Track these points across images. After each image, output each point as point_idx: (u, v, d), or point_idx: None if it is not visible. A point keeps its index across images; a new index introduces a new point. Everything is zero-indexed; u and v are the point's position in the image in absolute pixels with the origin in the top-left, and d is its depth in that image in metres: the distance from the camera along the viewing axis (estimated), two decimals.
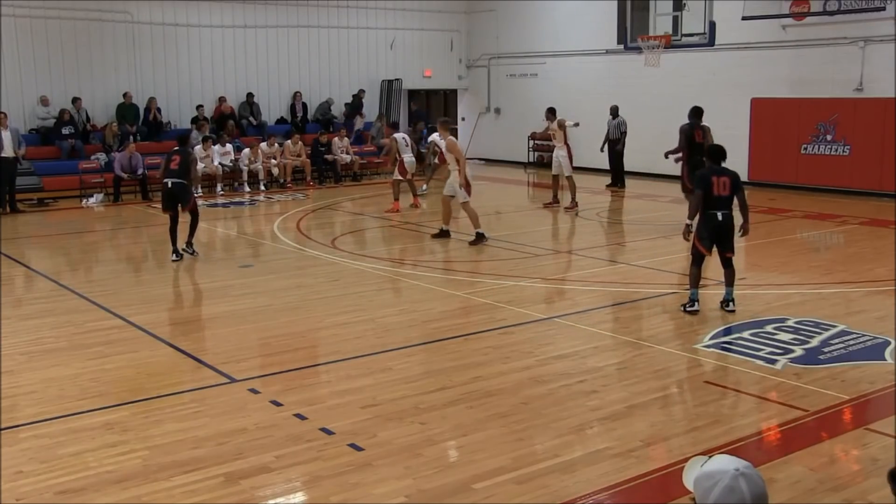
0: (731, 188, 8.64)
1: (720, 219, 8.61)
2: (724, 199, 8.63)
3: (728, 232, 8.74)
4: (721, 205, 8.63)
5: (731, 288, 8.88)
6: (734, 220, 8.80)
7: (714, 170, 8.76)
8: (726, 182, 8.63)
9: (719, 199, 8.61)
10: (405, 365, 7.40)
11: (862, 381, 6.88)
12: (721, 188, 8.60)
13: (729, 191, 8.63)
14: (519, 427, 5.95)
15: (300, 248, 12.99)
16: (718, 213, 8.61)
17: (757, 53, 18.98)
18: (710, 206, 8.62)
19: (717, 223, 8.62)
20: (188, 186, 12.46)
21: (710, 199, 8.61)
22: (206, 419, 6.13)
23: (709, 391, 6.71)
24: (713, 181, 8.60)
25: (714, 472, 2.38)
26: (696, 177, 8.91)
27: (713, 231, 8.67)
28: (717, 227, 8.65)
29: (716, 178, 8.62)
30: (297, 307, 9.45)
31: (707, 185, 8.61)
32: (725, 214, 8.64)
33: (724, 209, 8.64)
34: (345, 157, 21.44)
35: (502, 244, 12.82)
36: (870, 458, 5.48)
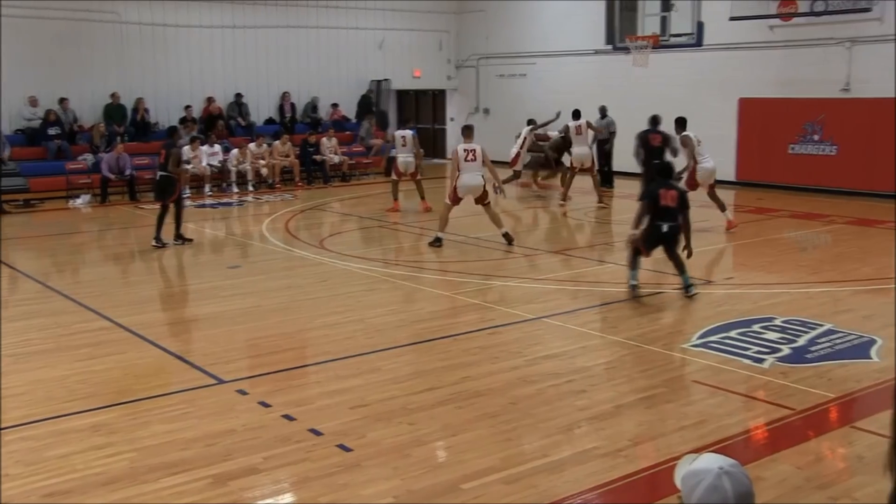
0: (678, 201, 9.06)
1: (664, 230, 9.06)
2: (671, 210, 9.04)
3: (672, 242, 9.20)
4: (667, 217, 9.06)
5: (684, 274, 9.21)
6: (679, 230, 9.23)
7: (662, 184, 9.23)
8: (674, 195, 9.07)
9: (666, 211, 9.02)
10: (394, 365, 7.40)
11: (848, 379, 6.92)
12: (669, 200, 9.02)
13: (676, 203, 9.04)
14: (507, 427, 5.96)
15: (289, 248, 12.97)
16: (664, 225, 9.06)
17: (744, 54, 19.04)
18: (656, 218, 9.08)
19: (661, 234, 9.08)
20: (173, 179, 12.91)
21: (657, 210, 9.05)
22: (195, 420, 6.12)
23: (696, 390, 6.74)
24: (661, 194, 9.06)
25: (699, 471, 2.40)
26: (646, 190, 9.36)
27: (657, 240, 9.15)
28: (661, 237, 9.13)
29: (664, 191, 9.08)
30: (285, 308, 9.43)
31: (654, 198, 9.06)
32: (671, 226, 9.08)
33: (670, 221, 9.07)
34: (333, 157, 21.42)
35: (490, 244, 12.83)
36: (856, 456, 5.51)
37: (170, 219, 13.14)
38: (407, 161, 16.39)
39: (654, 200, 9.07)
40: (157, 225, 13.02)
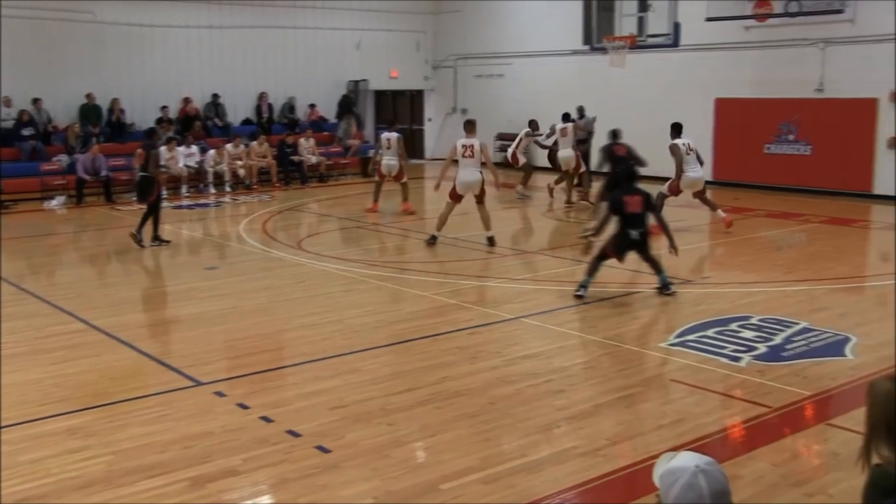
0: (642, 206, 9.09)
1: (634, 237, 9.08)
2: (638, 216, 9.06)
3: (643, 247, 9.24)
4: (635, 223, 9.07)
5: (661, 274, 9.27)
6: (647, 234, 9.26)
7: (626, 190, 9.25)
8: (639, 201, 9.10)
9: (633, 217, 9.05)
10: (373, 366, 7.39)
11: (824, 377, 6.98)
12: (634, 206, 9.05)
13: (641, 208, 9.07)
14: (486, 427, 5.96)
15: (266, 249, 12.92)
16: (633, 232, 9.08)
17: (720, 54, 19.17)
18: (625, 225, 9.10)
19: (630, 241, 9.11)
20: (151, 179, 12.93)
21: (624, 217, 9.09)
22: (172, 423, 6.08)
23: (674, 389, 6.77)
24: (625, 201, 9.08)
25: (675, 469, 2.41)
26: (610, 199, 9.42)
27: (626, 246, 9.18)
28: (631, 244, 9.15)
29: (628, 198, 9.10)
30: (263, 309, 9.39)
31: (619, 205, 9.09)
32: (641, 233, 9.09)
33: (639, 227, 9.08)
34: (311, 158, 21.35)
35: (469, 244, 12.84)
36: (831, 453, 5.56)
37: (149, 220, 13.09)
38: (390, 164, 16.19)
39: (620, 208, 9.10)
40: (140, 224, 13.06)
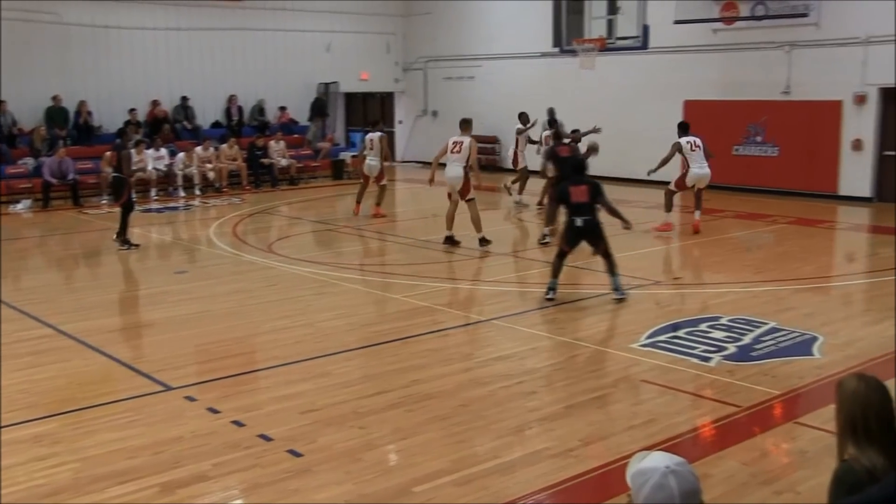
0: (589, 195, 9.19)
1: (579, 224, 9.19)
2: (583, 205, 9.18)
3: (591, 235, 9.30)
4: (580, 212, 9.19)
5: (615, 277, 9.30)
6: (597, 225, 9.30)
7: (573, 180, 9.42)
8: (584, 190, 9.22)
9: (578, 206, 9.18)
10: (344, 369, 7.37)
11: (792, 376, 7.05)
12: (579, 195, 9.17)
13: (587, 198, 9.18)
14: (458, 429, 5.96)
15: (237, 253, 12.84)
16: (578, 220, 9.20)
17: (689, 56, 19.32)
18: (571, 213, 9.25)
19: (576, 228, 9.23)
20: (122, 180, 12.89)
21: (570, 206, 9.22)
22: (142, 428, 6.02)
23: (645, 390, 6.81)
24: (571, 190, 9.23)
25: (646, 470, 2.43)
26: (558, 189, 9.57)
27: (574, 235, 9.30)
28: (577, 232, 9.26)
29: (573, 188, 9.24)
30: (233, 313, 9.34)
31: (566, 195, 9.24)
32: (586, 220, 9.20)
33: (584, 216, 9.19)
34: (281, 160, 21.26)
35: (440, 247, 12.83)
36: (799, 451, 5.63)
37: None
38: (371, 164, 16.03)
39: (566, 197, 9.24)
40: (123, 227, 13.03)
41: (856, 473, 2.84)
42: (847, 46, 16.94)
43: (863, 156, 17.18)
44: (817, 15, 17.18)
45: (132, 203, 13.34)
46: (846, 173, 17.44)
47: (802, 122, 17.74)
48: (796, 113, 17.83)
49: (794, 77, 17.85)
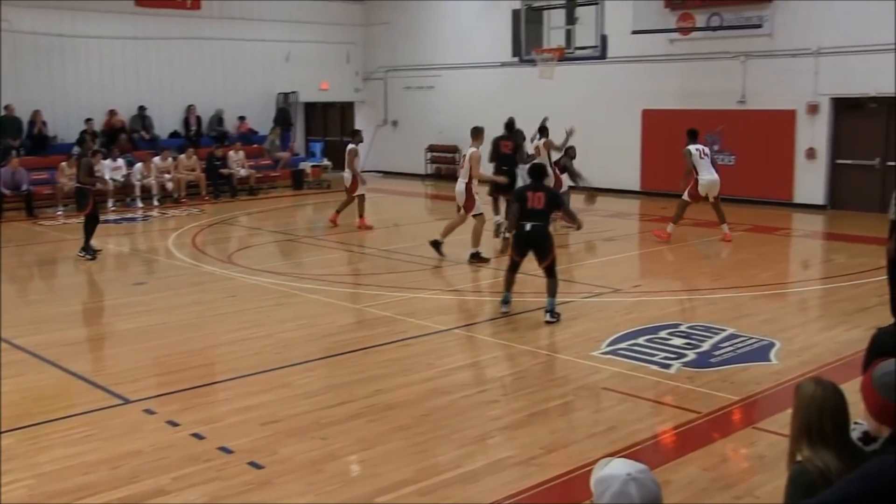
0: (545, 203, 9.14)
1: (528, 229, 9.11)
2: (537, 212, 9.12)
3: (538, 243, 9.18)
4: (532, 217, 9.12)
5: (552, 298, 9.11)
6: (546, 235, 9.16)
7: (531, 186, 9.37)
8: (541, 197, 9.16)
9: (532, 212, 9.12)
10: (305, 380, 7.32)
11: (750, 382, 7.14)
12: (535, 202, 9.12)
13: (543, 205, 9.12)
14: (421, 439, 5.95)
15: (196, 263, 12.71)
16: (527, 224, 9.11)
17: (647, 66, 19.54)
18: (523, 218, 9.16)
19: (524, 233, 9.13)
20: (83, 190, 12.88)
21: (524, 212, 9.14)
22: (99, 443, 5.92)
23: (606, 397, 6.85)
24: (528, 196, 9.18)
25: (607, 477, 2.44)
26: (515, 192, 9.47)
27: (522, 240, 9.20)
28: (525, 237, 9.16)
29: (531, 194, 9.19)
30: (193, 324, 9.24)
31: (523, 199, 9.19)
32: (534, 226, 9.11)
33: (535, 221, 9.11)
34: (240, 170, 21.10)
35: (401, 256, 12.83)
36: (757, 456, 5.70)
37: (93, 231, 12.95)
38: (343, 176, 15.94)
39: (523, 202, 9.20)
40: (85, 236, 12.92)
41: (809, 474, 2.90)
42: (799, 57, 17.26)
43: (816, 164, 17.48)
44: (770, 26, 17.50)
45: (97, 214, 13.22)
46: (801, 181, 17.73)
47: (758, 130, 18.01)
48: (752, 122, 18.10)
49: (750, 87, 18.13)
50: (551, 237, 9.28)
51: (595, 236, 14.25)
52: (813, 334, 8.61)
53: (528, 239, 9.16)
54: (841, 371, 6.96)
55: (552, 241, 9.25)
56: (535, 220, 9.10)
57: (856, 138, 17.14)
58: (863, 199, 16.74)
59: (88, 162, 13.18)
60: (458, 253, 12.67)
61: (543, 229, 9.17)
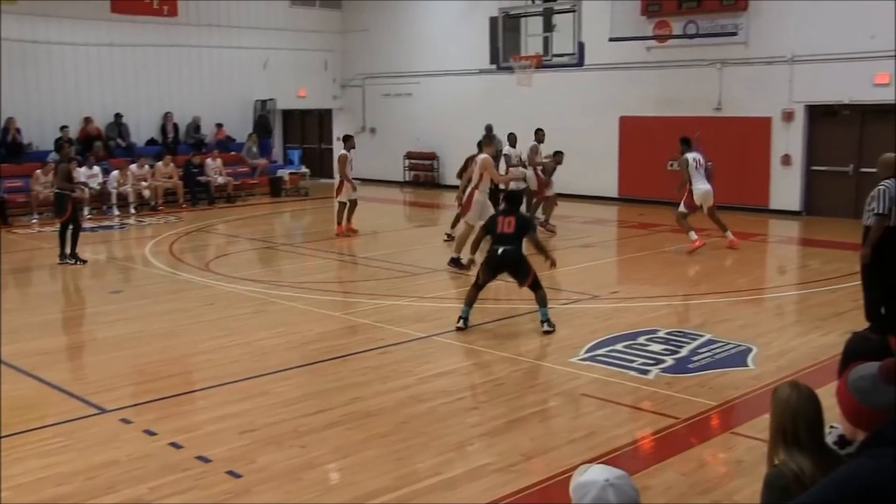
0: (515, 227, 9.09)
1: (499, 253, 9.03)
2: (507, 236, 9.06)
3: (511, 265, 9.11)
4: (502, 241, 9.06)
5: (545, 308, 9.07)
6: (519, 258, 9.07)
7: (504, 211, 9.39)
8: (511, 221, 9.12)
9: (502, 236, 9.08)
10: (283, 388, 7.28)
11: (728, 387, 7.18)
12: (505, 226, 9.08)
13: (513, 229, 9.07)
14: (400, 447, 5.94)
15: (173, 272, 12.63)
16: (499, 248, 9.05)
17: (624, 73, 19.65)
18: (494, 242, 9.14)
19: (496, 257, 9.05)
20: (62, 196, 12.90)
21: (494, 236, 9.13)
22: (74, 453, 5.86)
23: (585, 403, 6.86)
24: (498, 220, 9.17)
25: (585, 483, 2.45)
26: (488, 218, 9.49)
27: (494, 264, 9.10)
28: (497, 261, 9.07)
29: (502, 218, 9.17)
30: (170, 332, 9.18)
31: (493, 224, 9.20)
32: (506, 250, 9.03)
33: (505, 245, 9.04)
34: (218, 178, 21.01)
35: (380, 264, 12.81)
36: (735, 461, 5.73)
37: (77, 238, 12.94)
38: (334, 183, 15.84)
39: (493, 227, 9.19)
40: (72, 246, 12.92)
41: (785, 478, 2.92)
42: (774, 65, 17.43)
43: (791, 171, 17.65)
44: (746, 34, 17.67)
45: (77, 220, 13.21)
46: (776, 188, 17.89)
47: (734, 137, 18.15)
48: (728, 129, 18.23)
49: (726, 94, 18.28)
50: (525, 258, 9.18)
51: (573, 243, 14.29)
52: (789, 339, 8.68)
53: (500, 263, 9.09)
54: (817, 375, 7.01)
55: (527, 262, 9.15)
56: (506, 244, 9.02)
57: (830, 145, 17.33)
58: (837, 206, 16.91)
59: (66, 168, 13.12)
60: (437, 261, 12.67)
61: (516, 252, 9.07)
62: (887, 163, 8.35)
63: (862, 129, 16.85)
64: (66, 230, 12.86)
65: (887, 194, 8.11)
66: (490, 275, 9.16)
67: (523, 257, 9.17)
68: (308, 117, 27.11)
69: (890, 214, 8.14)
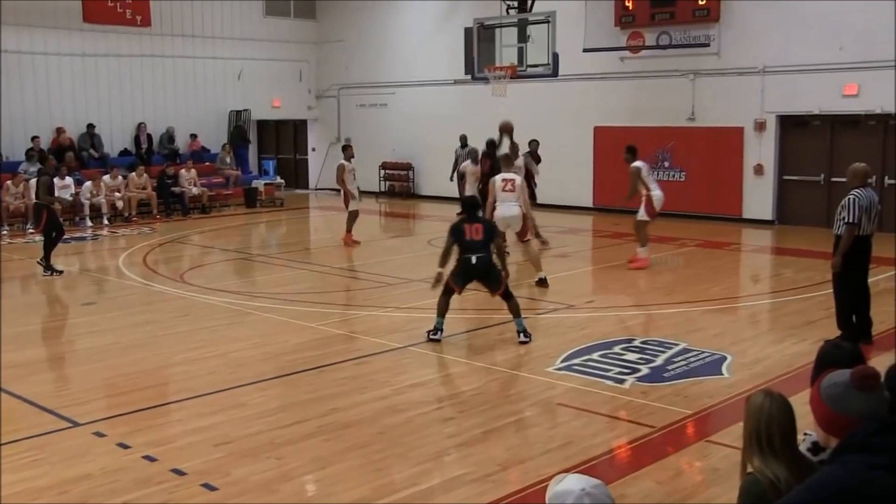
0: (483, 234, 9.03)
1: (473, 262, 8.93)
2: (477, 243, 8.98)
3: (485, 273, 9.03)
4: (474, 249, 8.95)
5: (520, 318, 9.04)
6: (492, 265, 9.05)
7: (468, 218, 9.18)
8: (479, 228, 9.04)
9: (472, 244, 8.97)
10: (259, 399, 7.25)
11: (703, 395, 7.22)
12: (473, 233, 8.99)
13: (482, 235, 9.01)
14: (377, 457, 5.92)
15: (147, 283, 12.54)
16: (472, 257, 8.93)
17: (598, 84, 19.78)
18: (464, 251, 8.99)
19: (470, 266, 8.94)
20: (39, 207, 13.06)
21: (464, 245, 8.98)
22: (46, 467, 5.80)
23: (562, 413, 6.88)
24: (465, 228, 9.02)
25: (562, 493, 2.45)
26: (451, 228, 9.22)
27: (467, 273, 9.00)
28: (471, 269, 8.97)
29: (468, 226, 9.03)
30: (144, 344, 9.10)
31: (460, 233, 9.03)
32: (479, 257, 8.94)
33: (478, 253, 8.95)
34: (192, 189, 20.89)
35: (356, 274, 12.78)
36: (711, 469, 5.76)
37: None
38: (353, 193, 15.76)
39: (460, 236, 9.04)
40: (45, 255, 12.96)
41: (760, 485, 2.95)
42: (746, 76, 17.63)
43: (764, 180, 17.82)
44: (718, 45, 17.85)
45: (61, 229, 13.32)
46: (749, 197, 18.05)
47: (707, 147, 18.32)
48: (701, 139, 18.40)
49: (699, 104, 18.45)
50: (496, 266, 9.18)
51: (549, 252, 14.33)
52: (763, 347, 8.75)
53: (475, 272, 8.99)
54: (790, 383, 7.07)
55: (499, 270, 9.16)
56: (478, 251, 8.94)
57: (801, 155, 17.53)
58: (809, 215, 17.09)
59: (48, 180, 13.12)
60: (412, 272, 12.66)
61: (488, 260, 9.02)
62: (856, 172, 8.46)
63: (832, 140, 17.07)
64: (50, 240, 12.87)
65: (857, 203, 8.22)
66: (463, 284, 9.07)
67: (495, 265, 9.14)
68: (283, 128, 27.05)
69: (860, 224, 8.25)
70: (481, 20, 18.89)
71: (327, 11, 25.60)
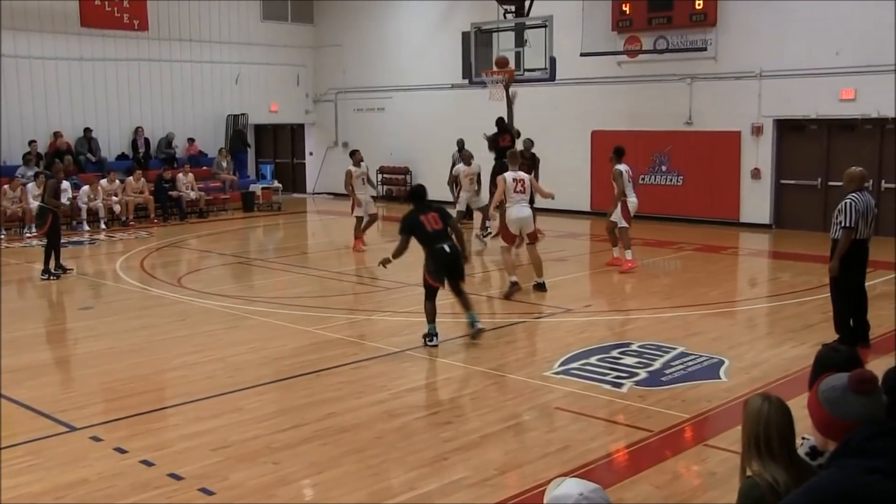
0: (441, 221, 8.86)
1: (448, 250, 8.75)
2: (440, 231, 8.80)
3: (455, 261, 8.90)
4: (439, 239, 8.78)
5: (473, 311, 8.96)
6: (458, 251, 8.96)
7: (418, 210, 8.96)
8: (435, 217, 8.86)
9: (436, 234, 8.78)
10: (257, 404, 7.23)
11: (700, 399, 7.22)
12: (432, 223, 8.80)
13: (441, 224, 8.84)
14: (374, 462, 5.91)
15: (145, 287, 12.53)
16: (445, 246, 8.75)
17: (595, 88, 19.79)
18: (433, 243, 8.77)
19: (445, 255, 8.75)
20: (44, 210, 13.05)
21: (428, 237, 8.78)
22: (42, 472, 5.78)
23: (559, 417, 6.87)
24: (422, 220, 8.80)
25: (560, 497, 2.45)
26: (404, 221, 8.98)
27: (444, 263, 8.81)
28: (446, 258, 8.78)
29: (423, 217, 8.83)
30: (141, 349, 9.09)
31: (418, 226, 8.79)
32: (451, 245, 8.81)
33: (444, 241, 8.79)
34: (190, 193, 20.89)
35: (353, 278, 12.77)
36: (709, 472, 5.76)
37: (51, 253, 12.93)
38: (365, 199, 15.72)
39: (420, 228, 8.81)
40: (45, 258, 12.92)
41: (760, 488, 2.95)
42: (743, 80, 17.65)
43: (761, 184, 17.84)
44: (714, 49, 17.88)
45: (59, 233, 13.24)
46: (746, 201, 18.07)
47: (705, 151, 18.34)
48: (698, 143, 18.42)
49: (696, 108, 18.46)
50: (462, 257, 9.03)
51: (546, 256, 14.31)
52: (761, 351, 8.75)
53: (450, 260, 8.81)
54: (788, 387, 7.07)
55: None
56: (444, 240, 8.77)
57: (798, 159, 17.55)
58: (806, 219, 17.12)
59: (55, 184, 13.14)
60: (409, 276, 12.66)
61: (458, 248, 8.88)
62: (853, 176, 8.47)
63: (829, 144, 17.09)
64: (51, 246, 12.84)
65: (854, 207, 8.23)
66: (442, 277, 8.85)
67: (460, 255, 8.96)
68: (280, 132, 27.05)
69: (857, 227, 8.26)
70: (479, 24, 18.93)
71: (325, 15, 25.62)
